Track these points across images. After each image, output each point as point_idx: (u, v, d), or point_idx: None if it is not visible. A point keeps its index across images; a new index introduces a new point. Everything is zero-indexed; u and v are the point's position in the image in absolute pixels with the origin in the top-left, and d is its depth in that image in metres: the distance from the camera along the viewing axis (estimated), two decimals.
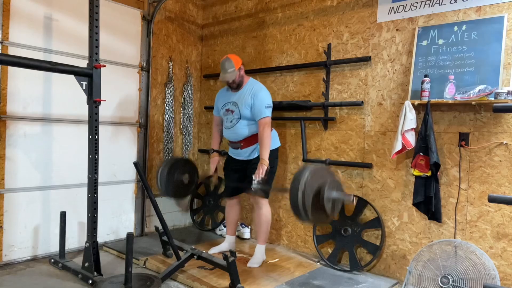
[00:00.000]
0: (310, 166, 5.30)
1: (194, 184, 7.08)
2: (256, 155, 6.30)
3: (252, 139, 6.31)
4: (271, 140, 6.12)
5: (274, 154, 6.38)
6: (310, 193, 4.99)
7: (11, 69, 6.03)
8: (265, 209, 6.35)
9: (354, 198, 5.41)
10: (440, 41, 5.52)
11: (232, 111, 6.36)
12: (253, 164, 6.22)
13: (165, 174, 6.54)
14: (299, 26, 7.16)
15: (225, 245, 6.80)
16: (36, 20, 6.29)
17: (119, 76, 7.36)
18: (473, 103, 5.03)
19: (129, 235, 5.00)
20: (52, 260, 6.21)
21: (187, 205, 8.48)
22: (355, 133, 6.44)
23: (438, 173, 5.44)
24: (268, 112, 6.13)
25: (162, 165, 6.70)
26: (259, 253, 6.35)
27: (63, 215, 6.11)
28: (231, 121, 6.40)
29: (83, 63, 5.66)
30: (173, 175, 6.75)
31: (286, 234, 7.33)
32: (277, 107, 7.23)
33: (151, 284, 5.25)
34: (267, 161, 6.01)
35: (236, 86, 6.30)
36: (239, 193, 6.79)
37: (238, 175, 6.58)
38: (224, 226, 7.80)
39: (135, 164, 5.60)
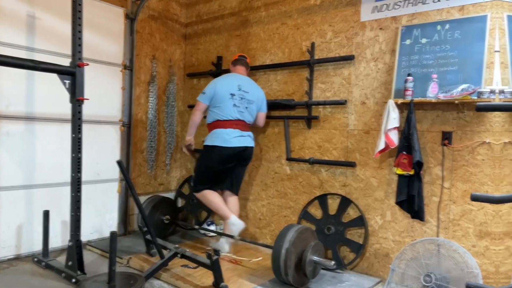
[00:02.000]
0: (295, 226, 5.46)
1: (173, 225, 7.43)
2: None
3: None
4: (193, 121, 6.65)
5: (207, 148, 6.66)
6: (293, 253, 5.16)
7: None
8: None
9: (334, 264, 5.48)
10: (423, 40, 5.53)
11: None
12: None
13: (147, 214, 6.75)
14: (282, 25, 7.16)
15: (233, 227, 6.60)
16: (18, 18, 6.23)
17: (102, 75, 7.32)
18: (456, 102, 5.04)
19: (113, 233, 4.97)
20: (36, 259, 6.17)
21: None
22: (338, 132, 6.45)
23: (421, 172, 5.45)
24: (198, 97, 6.67)
25: (145, 204, 6.90)
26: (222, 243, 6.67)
27: (46, 214, 6.07)
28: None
29: (66, 62, 5.61)
30: (155, 215, 6.96)
31: (270, 233, 7.33)
32: None
33: (134, 282, 5.22)
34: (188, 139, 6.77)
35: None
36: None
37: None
38: (208, 225, 7.76)
39: (119, 162, 5.58)
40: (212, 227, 7.71)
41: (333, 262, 5.39)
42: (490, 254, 5.10)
